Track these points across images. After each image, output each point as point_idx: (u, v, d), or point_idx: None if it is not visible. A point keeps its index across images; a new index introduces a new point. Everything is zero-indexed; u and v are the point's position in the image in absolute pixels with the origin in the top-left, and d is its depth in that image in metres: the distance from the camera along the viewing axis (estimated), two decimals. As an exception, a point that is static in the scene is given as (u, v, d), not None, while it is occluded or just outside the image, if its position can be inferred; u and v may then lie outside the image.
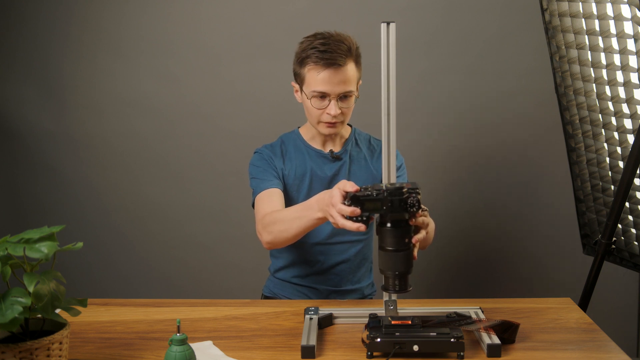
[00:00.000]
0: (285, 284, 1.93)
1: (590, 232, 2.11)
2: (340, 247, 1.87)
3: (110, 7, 2.57)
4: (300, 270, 1.90)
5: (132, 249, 2.72)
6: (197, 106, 2.61)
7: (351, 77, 1.72)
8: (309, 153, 1.86)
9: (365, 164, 1.88)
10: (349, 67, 1.71)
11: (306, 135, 1.89)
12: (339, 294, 1.90)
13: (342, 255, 1.88)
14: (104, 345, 1.44)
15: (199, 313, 1.63)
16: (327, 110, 1.73)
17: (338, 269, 1.88)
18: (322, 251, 1.87)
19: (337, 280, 1.89)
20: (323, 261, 1.87)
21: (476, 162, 2.59)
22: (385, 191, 1.31)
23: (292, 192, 1.84)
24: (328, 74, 1.69)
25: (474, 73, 2.53)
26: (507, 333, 1.40)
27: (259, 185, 1.80)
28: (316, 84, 1.71)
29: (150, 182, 2.68)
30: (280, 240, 1.65)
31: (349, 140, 1.90)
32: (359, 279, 1.93)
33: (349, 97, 1.74)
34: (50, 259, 1.14)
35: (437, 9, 2.50)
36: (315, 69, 1.70)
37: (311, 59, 1.70)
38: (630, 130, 1.80)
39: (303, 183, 1.84)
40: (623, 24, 1.68)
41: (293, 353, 1.38)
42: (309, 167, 1.84)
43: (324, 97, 1.72)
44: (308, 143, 1.88)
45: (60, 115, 2.65)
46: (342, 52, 1.69)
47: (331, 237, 1.85)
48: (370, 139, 1.95)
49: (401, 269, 1.35)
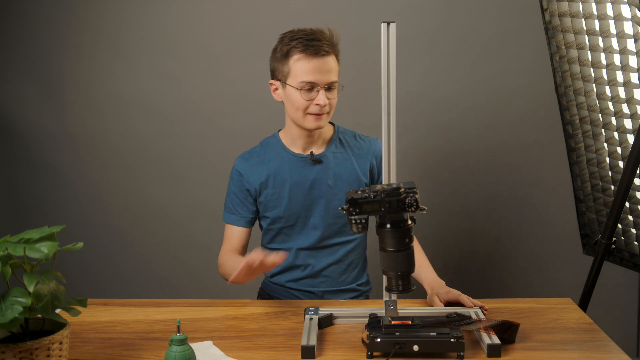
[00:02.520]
0: (279, 287, 1.93)
1: (590, 232, 2.11)
2: (329, 250, 1.86)
3: (110, 7, 2.57)
4: (293, 274, 1.89)
5: (132, 249, 2.72)
6: (197, 106, 2.61)
7: (335, 68, 1.75)
8: (289, 159, 1.84)
9: (351, 165, 1.85)
10: (333, 58, 1.74)
11: (285, 139, 1.86)
12: (333, 294, 1.89)
13: (332, 257, 1.87)
14: (104, 345, 1.44)
15: (199, 313, 1.63)
16: (315, 101, 1.72)
17: (329, 271, 1.88)
18: (312, 255, 1.86)
19: (330, 282, 1.89)
20: (313, 265, 1.87)
21: (476, 162, 2.59)
22: (382, 192, 1.31)
23: (274, 200, 1.83)
24: (316, 63, 1.70)
25: (474, 73, 2.53)
26: (507, 333, 1.40)
27: (228, 216, 1.90)
28: (305, 74, 1.70)
29: (150, 182, 2.68)
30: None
31: (332, 141, 1.87)
32: (353, 279, 1.92)
33: (333, 88, 1.75)
34: (50, 259, 1.14)
35: (437, 9, 2.50)
36: (303, 58, 1.70)
37: (298, 48, 1.70)
38: (630, 130, 1.80)
39: (283, 191, 1.83)
40: (623, 24, 1.68)
41: (293, 353, 1.38)
42: (289, 174, 1.82)
43: (311, 89, 1.71)
44: (288, 148, 1.85)
45: (60, 115, 2.65)
46: (327, 42, 1.73)
47: (319, 242, 1.85)
48: (356, 135, 1.92)
49: (403, 268, 1.35)
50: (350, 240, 1.88)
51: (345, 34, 2.48)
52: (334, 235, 1.85)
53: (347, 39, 2.49)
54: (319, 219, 1.84)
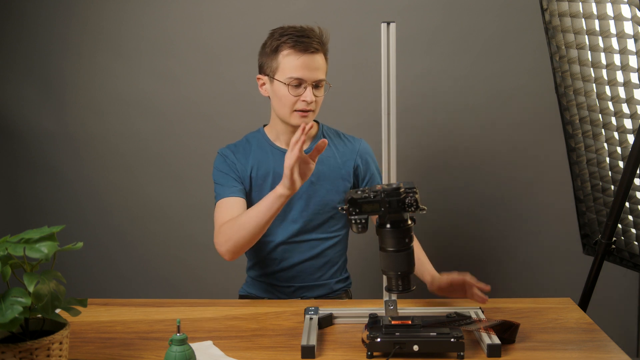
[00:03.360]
0: (255, 282, 1.93)
1: (590, 232, 2.11)
2: (306, 244, 1.86)
3: (110, 7, 2.57)
4: (266, 268, 1.88)
5: (132, 249, 2.72)
6: (197, 106, 2.61)
7: (323, 66, 1.76)
8: (273, 152, 1.85)
9: (335, 162, 1.86)
10: (321, 57, 1.75)
11: (271, 134, 1.87)
12: (305, 289, 1.88)
13: (308, 253, 1.87)
14: (104, 345, 1.45)
15: (199, 313, 1.63)
16: (302, 97, 1.72)
17: (304, 266, 1.87)
18: (288, 249, 1.86)
19: (303, 278, 1.88)
20: (287, 258, 1.86)
21: (476, 162, 2.59)
22: (382, 192, 1.31)
23: (255, 192, 1.83)
24: (305, 60, 1.71)
25: (474, 73, 2.53)
26: (507, 333, 1.40)
27: (219, 193, 1.81)
28: (293, 69, 1.71)
29: (150, 182, 2.68)
30: (240, 244, 1.66)
31: (317, 138, 1.88)
32: (331, 276, 1.91)
33: (321, 86, 1.76)
34: (50, 259, 1.14)
35: (437, 9, 2.50)
36: (292, 54, 1.71)
37: (287, 44, 1.72)
38: (630, 130, 1.80)
39: (265, 183, 1.83)
40: (623, 24, 1.68)
41: (293, 353, 1.38)
42: (272, 167, 1.83)
43: (299, 85, 1.72)
44: (273, 142, 1.86)
45: (60, 115, 2.65)
46: (317, 39, 1.74)
47: (297, 236, 1.85)
48: (340, 134, 1.92)
49: (403, 268, 1.35)
50: (330, 237, 1.88)
51: (345, 34, 2.50)
52: (313, 230, 1.85)
53: (347, 39, 2.50)
54: (298, 214, 1.84)
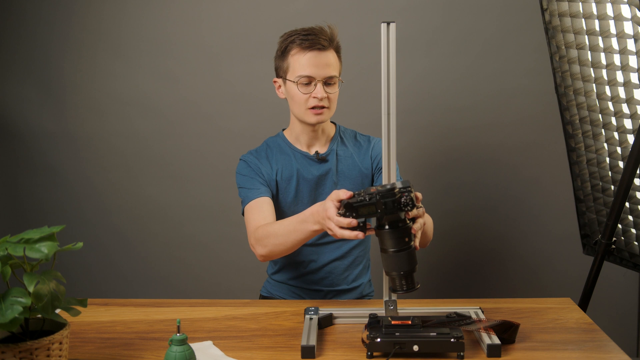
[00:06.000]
0: (281, 285, 1.93)
1: (590, 232, 2.11)
2: (332, 245, 1.87)
3: (110, 7, 2.57)
4: (295, 271, 1.90)
5: (132, 249, 2.72)
6: (197, 106, 2.61)
7: (334, 63, 1.77)
8: (295, 155, 1.86)
9: (353, 162, 1.88)
10: (332, 54, 1.77)
11: (290, 137, 1.89)
12: (335, 294, 1.90)
13: (335, 253, 1.88)
14: (104, 345, 1.44)
15: (199, 313, 1.63)
16: (313, 94, 1.74)
17: (331, 267, 1.88)
18: (315, 251, 1.87)
19: (332, 279, 1.89)
20: (316, 260, 1.87)
21: (476, 162, 2.59)
22: (377, 194, 1.31)
23: (280, 194, 1.84)
24: (312, 56, 1.73)
25: (474, 73, 2.53)
26: (507, 333, 1.40)
27: (247, 195, 1.80)
28: (301, 68, 1.74)
29: (150, 182, 2.68)
30: (275, 253, 1.67)
31: (334, 139, 1.89)
32: (356, 277, 1.92)
33: (333, 83, 1.77)
34: (50, 259, 1.14)
35: (437, 9, 2.50)
36: (299, 52, 1.74)
37: (295, 43, 1.75)
38: (630, 130, 1.80)
39: (290, 185, 1.84)
40: (623, 24, 1.68)
41: (293, 353, 1.38)
42: (295, 169, 1.84)
43: (309, 83, 1.74)
44: (293, 145, 1.88)
45: (60, 115, 2.65)
46: (325, 37, 1.75)
47: (322, 238, 1.86)
48: (356, 134, 1.95)
49: (406, 267, 1.35)
50: None
51: (345, 34, 2.49)
52: None
53: (347, 39, 2.50)
54: None
